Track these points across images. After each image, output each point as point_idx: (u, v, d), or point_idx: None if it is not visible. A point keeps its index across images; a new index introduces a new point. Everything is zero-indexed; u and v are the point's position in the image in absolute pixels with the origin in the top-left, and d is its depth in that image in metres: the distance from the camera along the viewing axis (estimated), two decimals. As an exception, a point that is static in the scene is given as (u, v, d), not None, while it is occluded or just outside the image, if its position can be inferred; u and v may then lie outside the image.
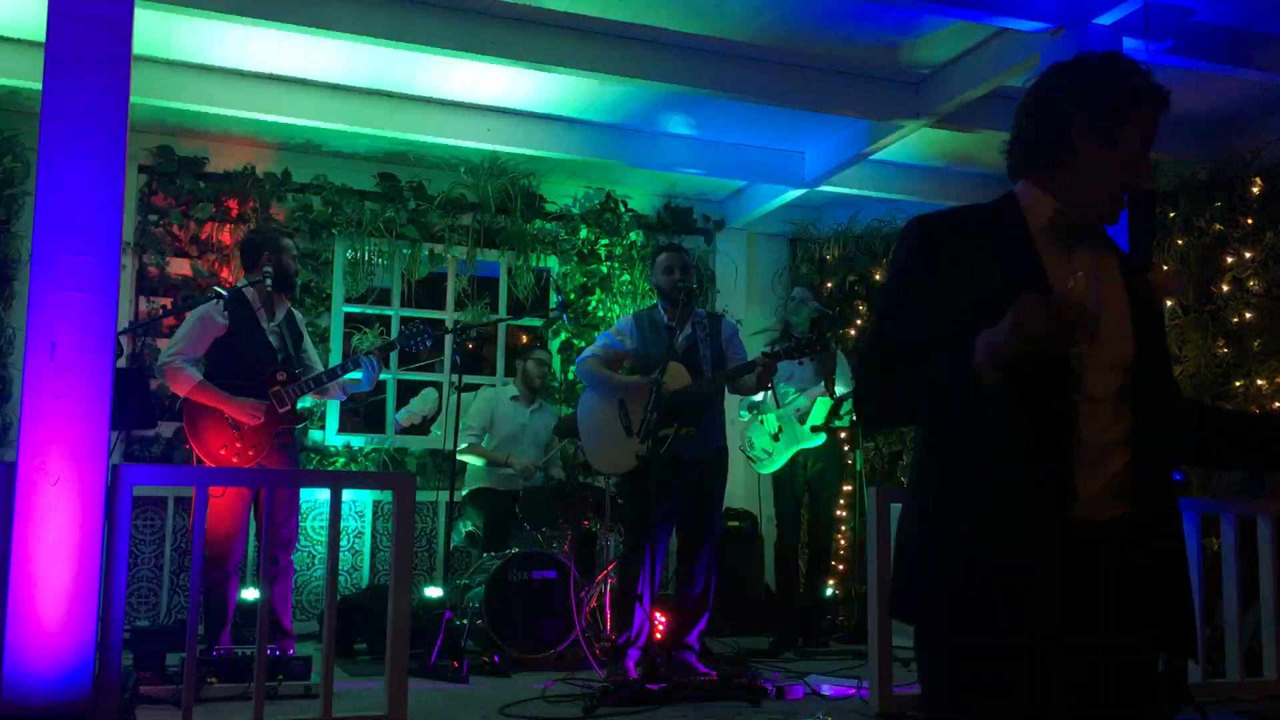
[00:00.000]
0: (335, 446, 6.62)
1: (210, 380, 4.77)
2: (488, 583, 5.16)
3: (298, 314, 5.23)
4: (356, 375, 4.95)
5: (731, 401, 5.21)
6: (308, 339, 5.19)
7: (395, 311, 6.93)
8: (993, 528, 1.65)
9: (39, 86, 3.47)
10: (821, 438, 5.85)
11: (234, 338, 4.83)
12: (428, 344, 5.15)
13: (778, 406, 5.90)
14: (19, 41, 5.22)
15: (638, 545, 4.66)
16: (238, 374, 4.78)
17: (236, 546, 4.74)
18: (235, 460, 4.69)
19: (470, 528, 6.12)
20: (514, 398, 6.28)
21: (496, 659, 4.98)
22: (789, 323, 6.19)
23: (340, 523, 4.83)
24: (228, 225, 6.50)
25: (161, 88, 5.60)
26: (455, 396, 5.62)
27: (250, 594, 5.27)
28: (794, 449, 5.90)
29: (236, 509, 4.70)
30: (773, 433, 5.91)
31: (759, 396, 5.86)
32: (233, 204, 6.53)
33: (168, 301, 6.29)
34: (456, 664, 4.81)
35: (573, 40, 5.21)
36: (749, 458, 6.07)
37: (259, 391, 4.75)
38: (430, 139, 6.31)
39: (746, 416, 6.05)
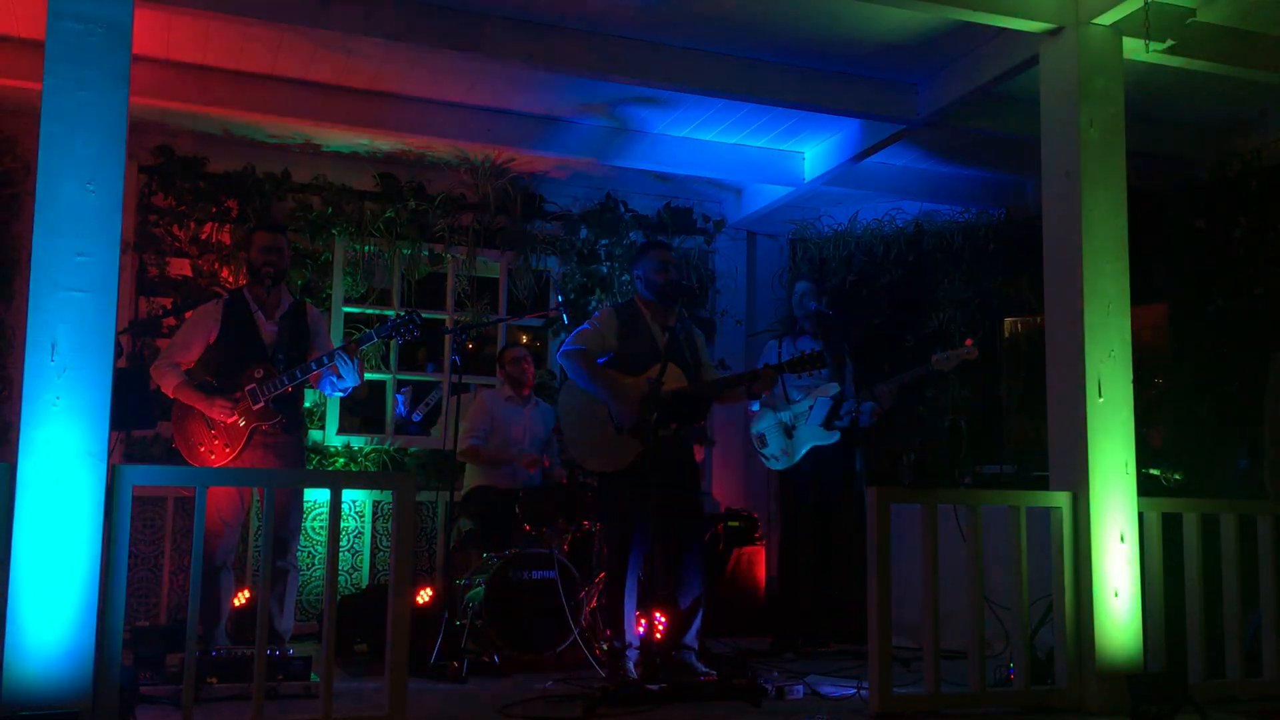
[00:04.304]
0: (335, 446, 6.63)
1: (206, 380, 4.79)
2: (488, 583, 5.16)
3: (314, 308, 5.19)
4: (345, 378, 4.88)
5: (733, 407, 5.20)
6: (323, 333, 5.09)
7: (395, 312, 6.92)
8: None
9: (39, 86, 3.47)
10: (836, 435, 5.84)
11: (226, 338, 4.83)
12: (415, 333, 4.95)
13: (788, 403, 5.90)
14: (19, 41, 5.22)
15: (622, 548, 4.63)
16: (227, 373, 4.79)
17: (220, 544, 4.76)
18: (213, 459, 4.73)
19: (470, 527, 6.12)
20: (508, 398, 6.27)
21: (496, 659, 4.98)
22: (795, 316, 6.17)
23: (340, 523, 4.83)
24: (228, 225, 6.50)
25: (161, 88, 5.60)
26: (454, 397, 5.62)
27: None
28: (807, 446, 5.89)
29: (220, 507, 4.72)
30: (788, 427, 5.90)
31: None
32: (233, 204, 6.53)
33: (168, 301, 6.29)
34: (456, 664, 4.81)
35: (571, 41, 5.21)
36: (762, 455, 6.06)
37: (239, 390, 4.74)
38: (430, 139, 6.31)
39: (757, 407, 6.05)
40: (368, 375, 6.80)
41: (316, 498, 6.20)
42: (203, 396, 4.73)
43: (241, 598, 5.06)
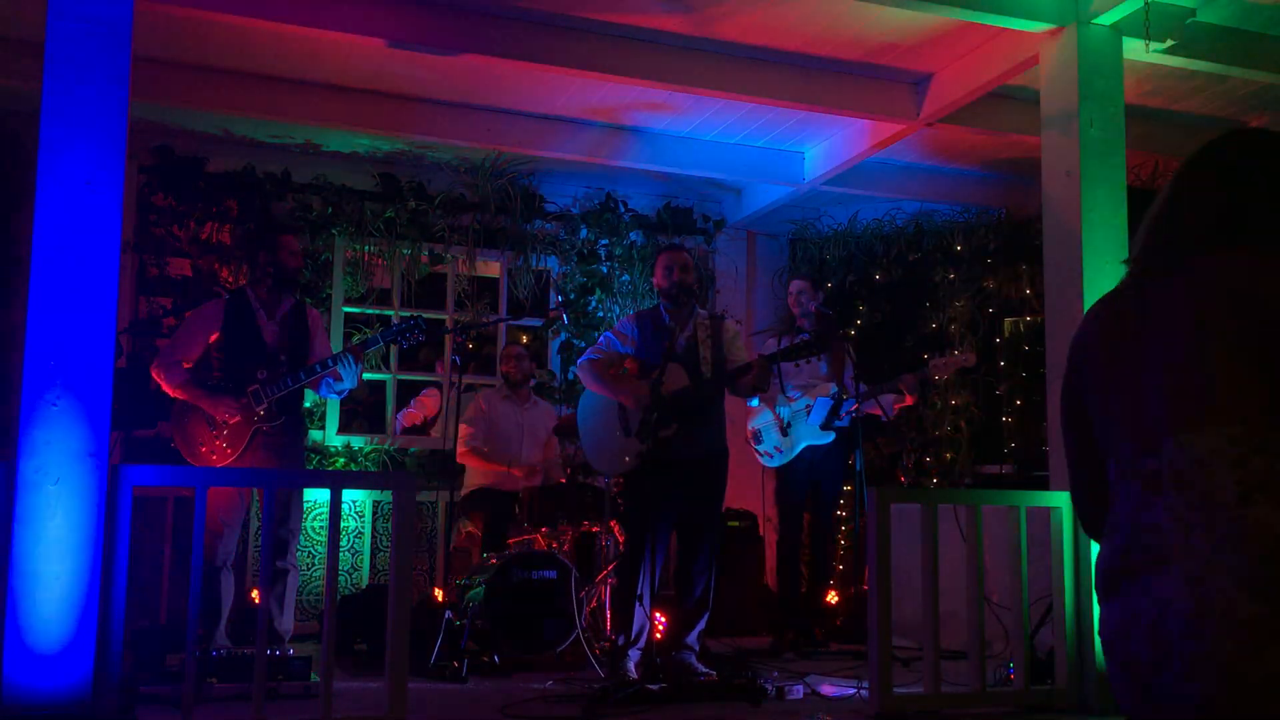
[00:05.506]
0: (335, 446, 6.62)
1: (207, 380, 4.78)
2: (488, 583, 5.16)
3: (313, 309, 5.20)
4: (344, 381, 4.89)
5: (733, 404, 5.18)
6: (322, 334, 5.11)
7: (395, 312, 6.92)
8: None
9: (39, 86, 3.47)
10: (831, 435, 5.84)
11: (229, 338, 4.83)
12: (420, 337, 4.99)
13: (786, 401, 5.90)
14: (19, 41, 5.22)
15: (637, 546, 4.65)
16: (230, 373, 4.78)
17: (221, 544, 4.76)
18: (214, 459, 4.72)
19: (470, 528, 6.12)
20: (505, 398, 6.28)
21: (496, 659, 4.99)
22: (794, 315, 6.16)
23: (340, 523, 4.83)
24: (228, 225, 6.50)
25: (161, 88, 5.60)
26: (455, 397, 5.62)
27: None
28: (802, 445, 5.89)
29: (221, 506, 4.72)
30: (783, 426, 5.90)
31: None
32: (233, 204, 6.53)
33: (168, 301, 6.29)
34: (456, 664, 4.81)
35: (572, 41, 5.21)
36: (757, 452, 6.06)
37: (242, 391, 4.74)
38: (430, 139, 6.31)
39: (756, 403, 6.04)
40: (368, 375, 6.81)
41: (316, 498, 6.19)
42: (207, 395, 4.73)
43: (255, 595, 5.06)
